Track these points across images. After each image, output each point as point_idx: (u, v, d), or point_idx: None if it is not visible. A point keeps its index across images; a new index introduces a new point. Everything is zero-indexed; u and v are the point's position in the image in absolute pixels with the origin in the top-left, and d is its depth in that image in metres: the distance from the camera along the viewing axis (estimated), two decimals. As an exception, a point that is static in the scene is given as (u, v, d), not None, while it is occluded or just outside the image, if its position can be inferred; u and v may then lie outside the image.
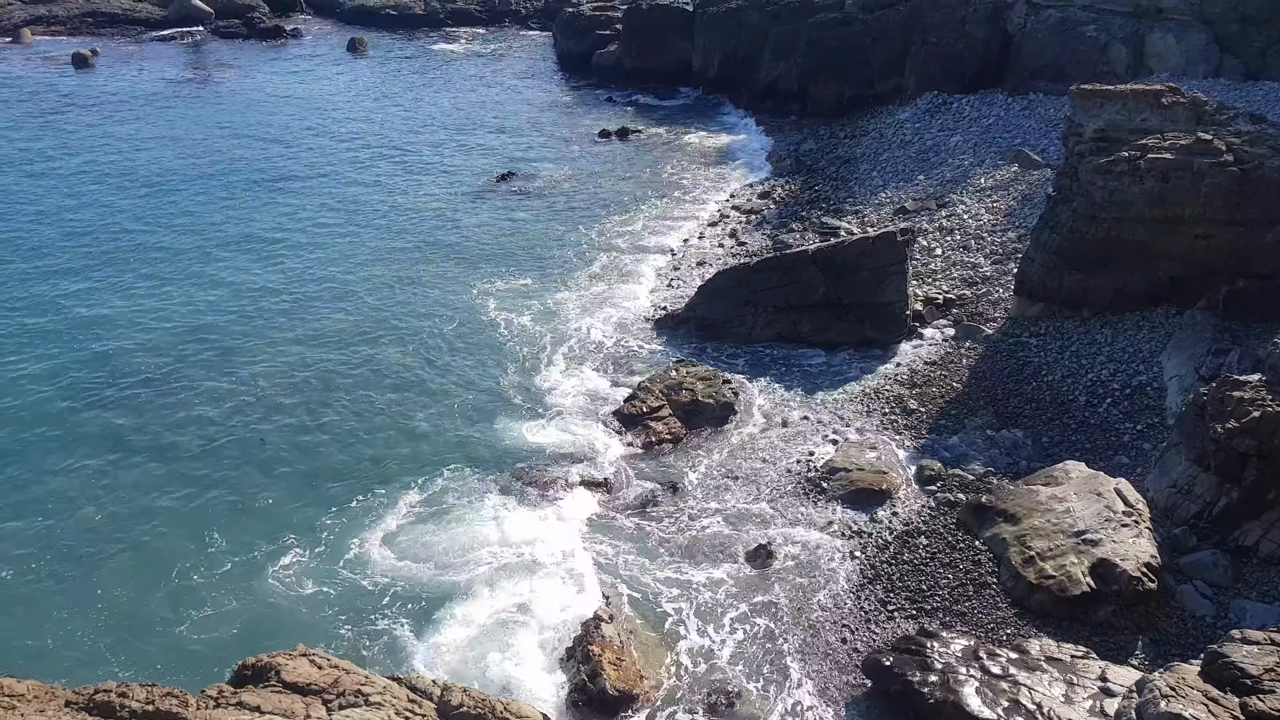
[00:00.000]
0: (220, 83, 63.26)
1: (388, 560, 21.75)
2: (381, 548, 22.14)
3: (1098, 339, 28.14)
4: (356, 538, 22.45)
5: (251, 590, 20.89)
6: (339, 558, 21.81)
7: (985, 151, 41.22)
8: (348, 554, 21.92)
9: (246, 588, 20.95)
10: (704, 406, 27.05)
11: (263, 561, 21.67)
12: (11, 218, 40.47)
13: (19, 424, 26.52)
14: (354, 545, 22.20)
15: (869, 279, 30.32)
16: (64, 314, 32.47)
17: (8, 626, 19.94)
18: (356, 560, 21.74)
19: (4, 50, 70.87)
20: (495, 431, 26.57)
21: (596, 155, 48.92)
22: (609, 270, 36.13)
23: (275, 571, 21.36)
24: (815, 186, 42.95)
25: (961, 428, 26.00)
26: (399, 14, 79.09)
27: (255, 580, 21.15)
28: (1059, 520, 20.97)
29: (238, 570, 21.44)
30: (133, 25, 77.66)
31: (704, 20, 56.45)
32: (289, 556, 21.82)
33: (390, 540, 22.39)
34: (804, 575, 21.27)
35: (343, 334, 31.51)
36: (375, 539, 22.39)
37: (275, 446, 25.80)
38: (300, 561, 21.69)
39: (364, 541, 22.32)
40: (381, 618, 20.22)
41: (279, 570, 21.40)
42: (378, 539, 22.40)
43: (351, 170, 46.94)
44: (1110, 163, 28.02)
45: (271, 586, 20.98)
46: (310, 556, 21.85)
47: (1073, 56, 44.72)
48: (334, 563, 21.67)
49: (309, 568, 21.52)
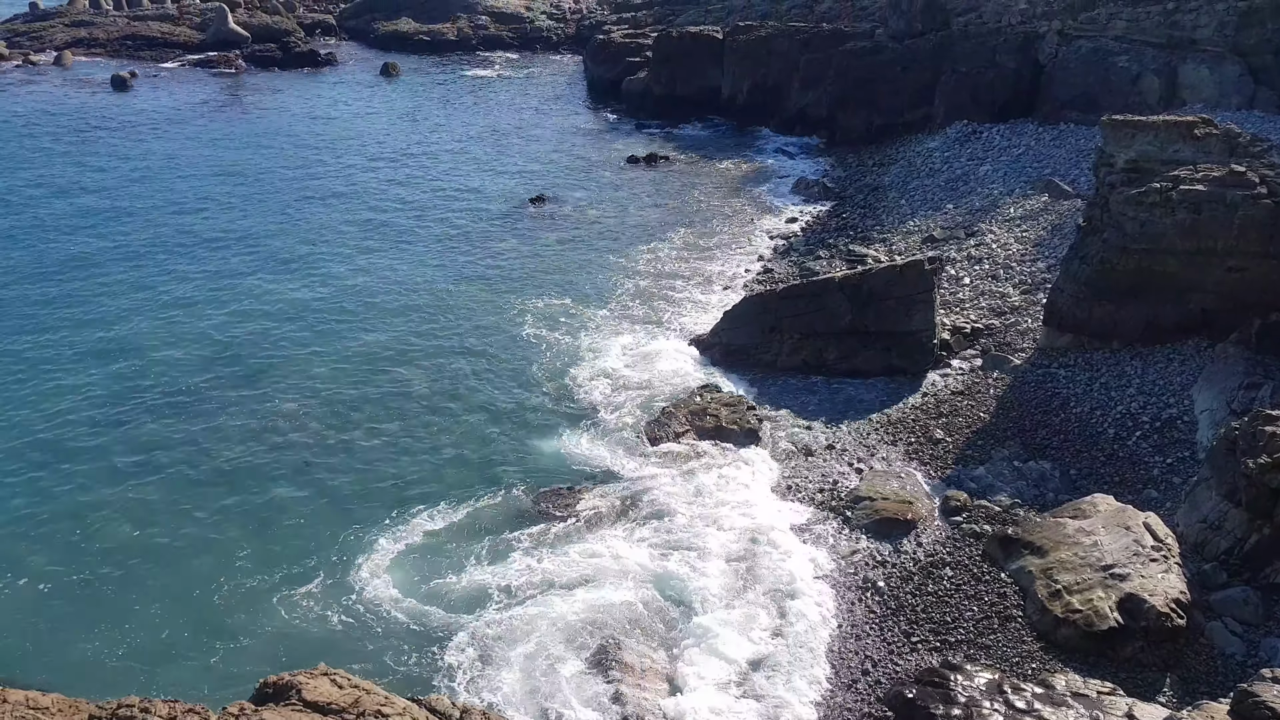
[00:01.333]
0: (254, 105, 64.31)
1: (411, 582, 21.80)
2: (405, 570, 22.20)
3: (1127, 371, 27.85)
4: (380, 559, 22.52)
5: (275, 609, 20.99)
6: (363, 578, 21.88)
7: (1015, 181, 41.09)
8: (371, 575, 21.98)
9: (270, 606, 21.05)
10: (728, 432, 27.00)
11: (287, 580, 21.78)
12: (48, 236, 41.24)
13: (55, 439, 26.89)
14: (378, 567, 22.26)
15: (896, 307, 30.21)
16: (97, 331, 32.97)
17: (36, 640, 20.15)
18: (380, 582, 21.78)
19: (46, 72, 72.45)
20: (520, 455, 26.63)
21: (625, 181, 49.21)
22: (635, 295, 36.25)
23: (299, 591, 21.46)
24: (843, 214, 42.96)
25: (988, 458, 25.77)
26: (431, 39, 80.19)
27: (279, 599, 21.26)
28: (1086, 554, 20.71)
29: (262, 589, 21.56)
30: (171, 49, 79.20)
31: (734, 48, 56.82)
32: (313, 576, 21.92)
33: (414, 563, 22.45)
34: (826, 605, 21.08)
35: (372, 355, 31.77)
36: (399, 561, 22.47)
37: (303, 467, 25.98)
38: (324, 581, 21.78)
39: (388, 563, 22.39)
40: (403, 639, 20.23)
41: (303, 590, 21.50)
42: (401, 561, 22.47)
43: (382, 193, 47.50)
44: (1142, 194, 27.85)
45: (295, 606, 21.08)
46: (334, 576, 21.94)
47: (1104, 87, 44.59)
48: (358, 583, 21.73)
49: (332, 587, 21.60)
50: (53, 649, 19.95)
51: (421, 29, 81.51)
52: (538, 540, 23.12)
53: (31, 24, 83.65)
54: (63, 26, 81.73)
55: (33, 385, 29.52)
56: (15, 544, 22.86)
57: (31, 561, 22.33)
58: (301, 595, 21.34)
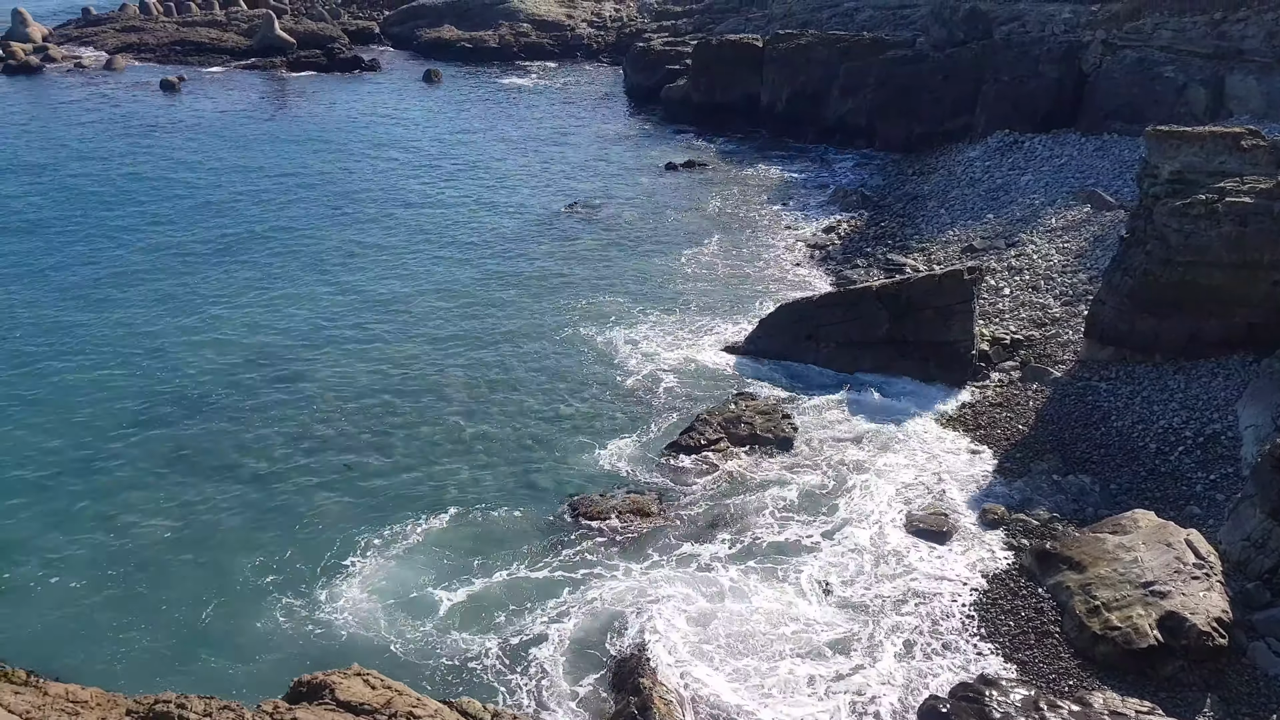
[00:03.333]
0: (299, 109, 65.24)
1: (442, 585, 21.94)
2: (439, 573, 22.36)
3: (1170, 385, 27.39)
4: (414, 561, 22.72)
5: (309, 608, 21.21)
6: (396, 580, 22.06)
7: (1057, 191, 40.62)
8: (404, 577, 22.17)
9: (304, 606, 21.28)
10: (763, 440, 26.92)
11: (322, 580, 22.02)
12: (94, 237, 42.10)
13: (96, 439, 27.40)
14: (410, 569, 22.46)
15: (934, 317, 29.96)
16: (141, 331, 33.57)
17: (76, 635, 20.53)
18: (412, 583, 21.96)
19: (99, 75, 74.23)
20: (554, 460, 26.73)
21: (663, 187, 49.27)
22: (670, 301, 36.25)
23: (334, 591, 21.69)
24: (881, 222, 42.70)
25: (1027, 471, 25.47)
26: (474, 46, 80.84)
27: (313, 599, 21.49)
28: (1126, 570, 20.38)
29: (296, 588, 21.80)
30: (219, 54, 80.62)
31: (774, 56, 56.71)
32: (349, 577, 22.14)
33: (446, 565, 22.61)
34: (861, 616, 20.92)
35: (409, 359, 32.05)
36: (434, 564, 22.64)
37: (341, 469, 26.27)
38: (359, 582, 21.98)
39: (421, 565, 22.58)
40: (436, 642, 20.37)
41: (338, 590, 21.72)
42: (436, 564, 22.64)
43: (423, 197, 47.94)
44: (1187, 205, 27.42)
45: (329, 605, 21.29)
46: (369, 577, 22.13)
47: (1149, 97, 43.97)
48: (390, 585, 21.92)
49: (367, 588, 21.79)
50: (91, 644, 20.31)
51: (464, 36, 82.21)
52: (570, 545, 23.17)
53: (84, 29, 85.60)
54: (114, 32, 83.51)
55: (76, 383, 30.12)
56: (55, 540, 23.32)
57: (71, 558, 22.76)
58: (336, 595, 21.55)
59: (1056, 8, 52.07)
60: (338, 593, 21.63)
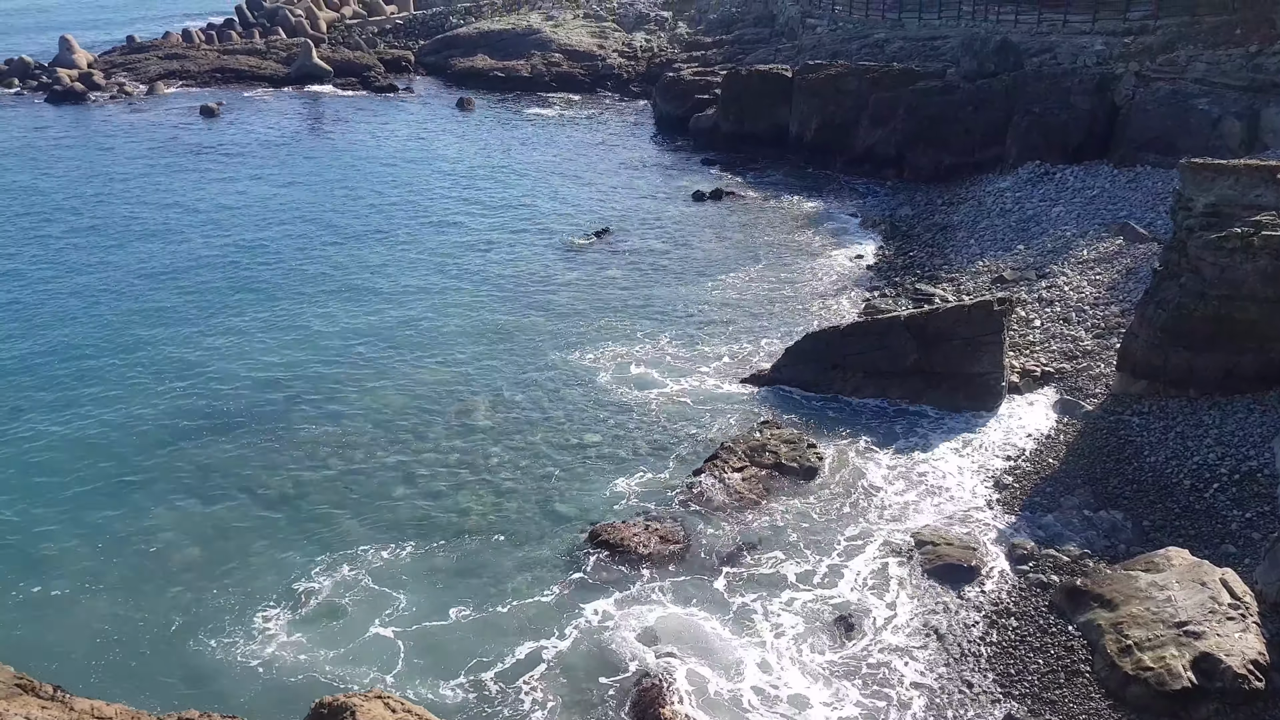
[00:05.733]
0: (334, 135, 66.20)
1: (461, 608, 21.94)
2: (456, 596, 22.36)
3: (1205, 420, 26.97)
4: (434, 585, 22.75)
5: (330, 630, 21.26)
6: (415, 603, 22.08)
7: (1089, 223, 40.32)
8: (424, 600, 22.18)
9: (325, 627, 21.35)
10: (787, 469, 26.76)
11: (343, 602, 22.08)
12: (130, 260, 42.84)
13: (125, 456, 27.80)
14: (430, 592, 22.48)
15: (963, 348, 29.74)
16: (171, 350, 34.05)
17: (101, 651, 20.68)
18: (431, 607, 21.97)
19: (142, 101, 76.00)
20: (576, 486, 26.71)
21: (690, 216, 49.42)
22: (697, 330, 36.24)
23: (354, 613, 21.73)
24: (910, 252, 42.54)
25: (1057, 506, 25.11)
26: (506, 75, 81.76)
27: (334, 620, 21.56)
28: (1159, 609, 19.99)
29: (322, 610, 21.88)
30: (257, 81, 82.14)
31: (802, 86, 56.87)
32: (369, 599, 22.18)
33: (466, 589, 22.61)
34: (885, 651, 20.66)
35: (435, 383, 32.23)
36: (451, 587, 22.65)
37: (363, 491, 26.40)
38: (378, 605, 22.01)
39: (440, 589, 22.59)
40: (455, 667, 20.32)
41: (358, 612, 21.76)
42: (454, 587, 22.65)
43: (453, 223, 48.36)
44: (1222, 239, 27.12)
45: (350, 627, 21.33)
46: (388, 601, 22.15)
47: (1183, 130, 43.62)
48: (410, 608, 21.94)
49: (386, 611, 21.82)
50: (118, 660, 20.44)
51: (496, 65, 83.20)
52: (590, 572, 23.09)
53: (128, 56, 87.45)
54: (157, 59, 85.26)
55: (108, 397, 30.55)
56: (85, 555, 23.60)
57: (100, 574, 22.99)
58: (356, 617, 21.59)
59: (1089, 40, 52.00)
60: (358, 615, 21.66)
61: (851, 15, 69.18)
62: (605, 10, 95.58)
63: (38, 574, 22.97)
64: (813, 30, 71.60)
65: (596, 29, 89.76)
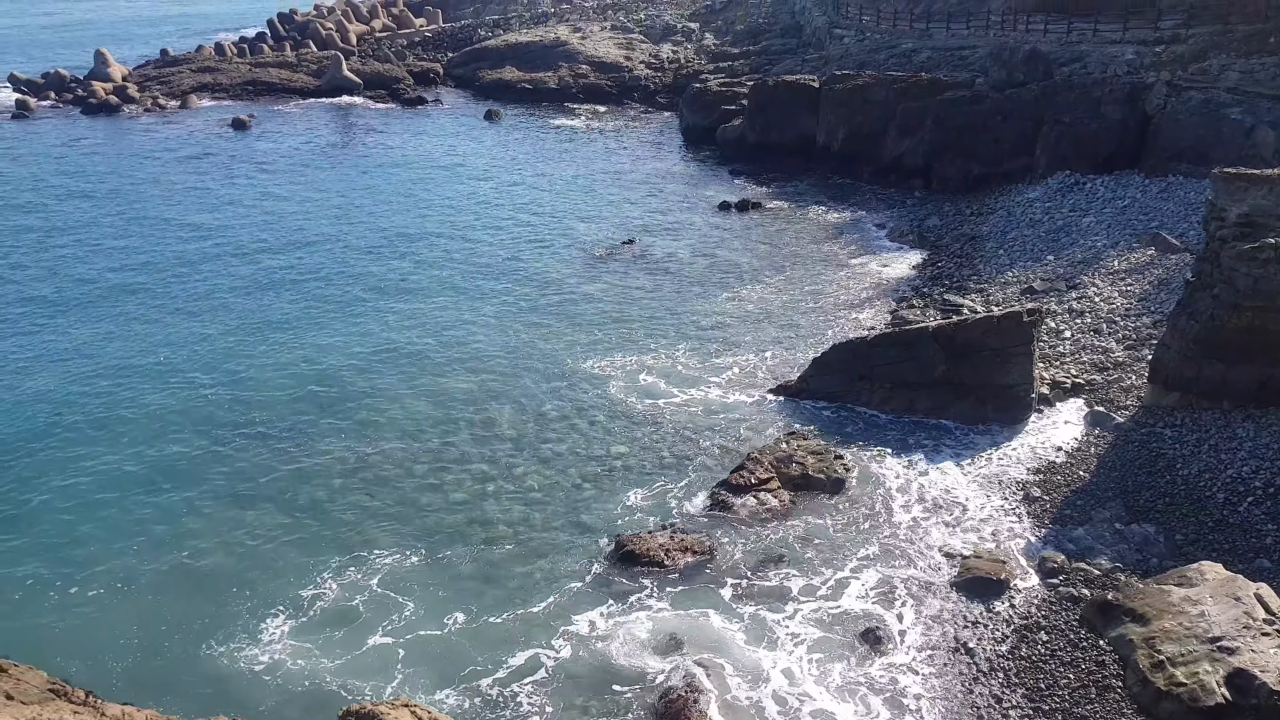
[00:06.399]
0: (363, 146, 66.86)
1: (489, 617, 21.99)
2: (483, 604, 22.42)
3: (1239, 433, 26.60)
4: (461, 593, 22.81)
5: (356, 637, 21.36)
6: (444, 615, 22.15)
7: (1119, 233, 39.96)
8: (451, 609, 22.25)
9: (351, 634, 21.45)
10: (814, 481, 26.63)
11: (369, 610, 22.19)
12: (162, 267, 43.42)
13: (161, 461, 28.15)
14: (457, 601, 22.54)
15: (992, 359, 29.52)
16: (209, 359, 34.45)
17: (132, 656, 20.90)
18: (458, 615, 22.04)
19: (175, 114, 77.25)
20: (603, 496, 26.72)
21: (717, 226, 49.43)
22: (724, 340, 36.21)
23: (387, 623, 21.83)
24: (938, 263, 42.31)
25: (1088, 519, 24.83)
26: (533, 87, 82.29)
27: (360, 628, 21.66)
28: (1192, 624, 19.70)
29: (351, 618, 21.99)
30: (288, 93, 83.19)
31: (830, 96, 56.81)
32: (396, 608, 22.28)
33: (494, 597, 22.66)
34: (914, 664, 20.49)
35: (463, 393, 32.38)
36: (478, 595, 22.71)
37: (393, 500, 26.55)
38: (406, 613, 22.11)
39: (468, 597, 22.65)
40: (481, 674, 20.37)
41: (391, 622, 21.86)
42: (481, 595, 22.72)
43: (482, 233, 48.66)
44: (1255, 249, 26.77)
45: (376, 637, 21.42)
46: (416, 609, 22.25)
47: (1216, 139, 43.18)
48: (439, 620, 22.01)
49: (414, 619, 21.91)
50: (149, 666, 20.63)
51: (524, 77, 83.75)
52: (617, 582, 23.07)
53: (162, 69, 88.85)
54: (190, 72, 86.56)
55: (147, 407, 30.95)
56: (119, 561, 23.87)
57: (134, 579, 23.25)
58: (382, 625, 21.68)
59: (1119, 49, 51.62)
60: (383, 624, 21.76)
61: (879, 25, 69.07)
62: (633, 22, 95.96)
63: (73, 576, 23.29)
64: (840, 41, 71.55)
65: (623, 41, 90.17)
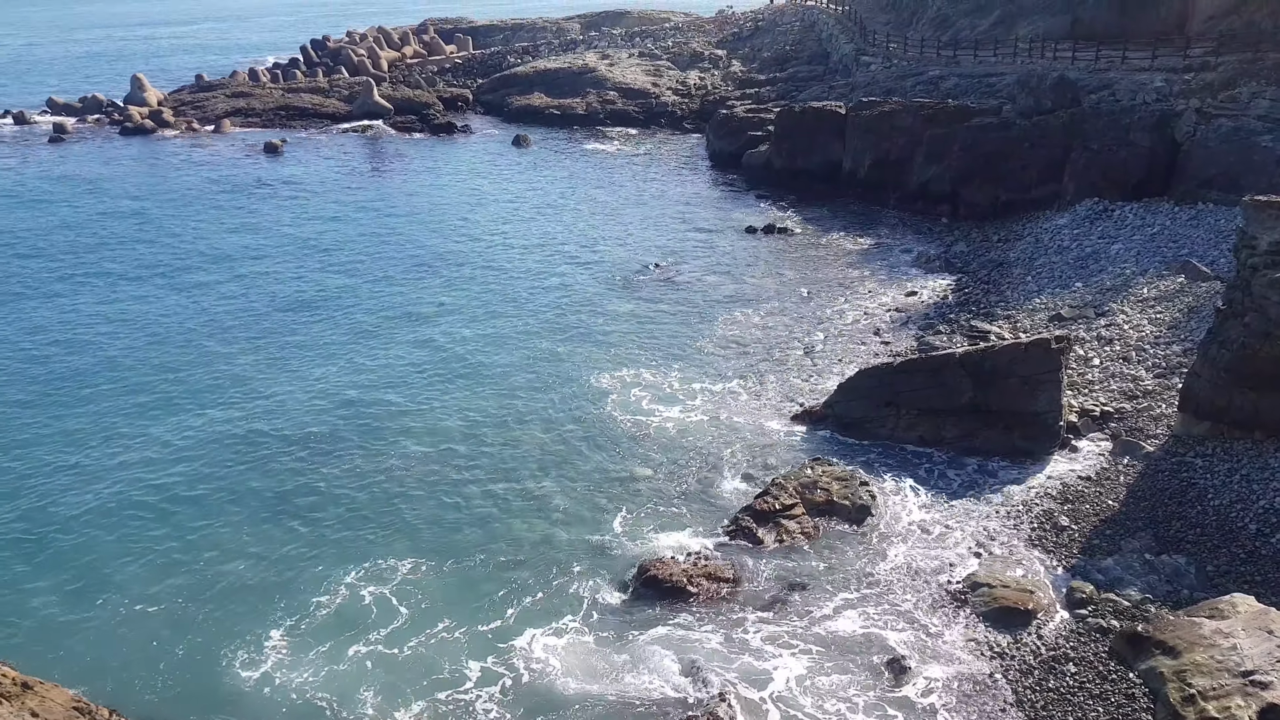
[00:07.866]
0: (394, 171, 67.68)
1: (512, 643, 21.99)
2: (505, 625, 22.44)
3: (1271, 463, 26.21)
4: (483, 614, 22.84)
5: (382, 655, 21.43)
6: (464, 631, 22.19)
7: (1149, 261, 39.65)
8: (472, 629, 22.27)
9: (377, 652, 21.52)
10: (839, 508, 26.49)
11: (393, 628, 22.27)
12: (192, 288, 44.05)
13: (184, 476, 28.52)
14: (479, 620, 22.56)
15: (1020, 386, 29.30)
16: (238, 377, 34.86)
17: (155, 674, 21.05)
18: (480, 636, 22.07)
19: (208, 138, 78.56)
20: (626, 521, 26.71)
21: (743, 250, 49.53)
22: (748, 364, 36.19)
23: (407, 642, 21.89)
24: (965, 289, 42.14)
25: (1117, 549, 24.51)
26: (562, 113, 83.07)
27: (386, 649, 21.73)
28: (1224, 657, 19.35)
29: (371, 635, 22.09)
30: (319, 119, 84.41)
31: (856, 123, 56.92)
32: (422, 629, 22.35)
33: (515, 621, 22.67)
34: (939, 695, 20.25)
35: (490, 414, 32.54)
36: (499, 615, 22.73)
37: (417, 520, 26.68)
38: (428, 632, 22.16)
39: (489, 616, 22.68)
40: (510, 693, 20.34)
41: (413, 639, 21.93)
42: (501, 616, 22.73)
43: (511, 258, 49.05)
44: (1287, 277, 26.46)
45: (399, 658, 21.49)
46: (439, 629, 22.30)
47: (1246, 166, 42.81)
48: (459, 636, 22.05)
49: (437, 639, 21.96)
50: (174, 677, 20.79)
51: (552, 103, 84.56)
52: (639, 608, 23.01)
53: (196, 94, 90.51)
54: (223, 97, 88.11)
55: (166, 416, 31.35)
56: (141, 573, 24.17)
57: (158, 597, 23.47)
58: (410, 644, 21.74)
59: (1148, 76, 51.38)
60: (412, 642, 21.81)
61: (906, 53, 69.21)
62: (660, 49, 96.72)
63: (96, 593, 23.55)
64: (867, 68, 71.72)
65: (651, 67, 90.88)
